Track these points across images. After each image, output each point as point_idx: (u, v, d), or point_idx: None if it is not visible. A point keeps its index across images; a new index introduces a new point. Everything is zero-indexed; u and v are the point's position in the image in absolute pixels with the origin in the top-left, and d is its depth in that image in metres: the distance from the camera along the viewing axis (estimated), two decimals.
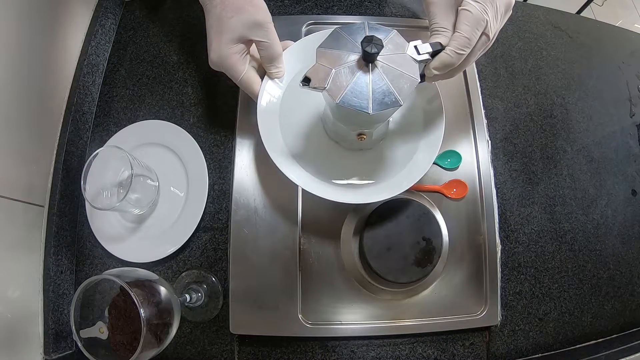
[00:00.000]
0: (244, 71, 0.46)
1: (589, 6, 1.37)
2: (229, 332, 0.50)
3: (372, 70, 0.36)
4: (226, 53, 0.44)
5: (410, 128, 0.50)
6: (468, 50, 0.39)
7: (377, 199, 0.46)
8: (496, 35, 0.42)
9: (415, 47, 0.38)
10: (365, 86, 0.35)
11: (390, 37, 0.38)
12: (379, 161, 0.50)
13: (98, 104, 0.59)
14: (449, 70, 0.41)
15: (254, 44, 0.46)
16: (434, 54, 0.39)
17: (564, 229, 0.57)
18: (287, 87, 0.50)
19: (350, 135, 0.46)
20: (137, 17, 0.63)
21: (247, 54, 0.46)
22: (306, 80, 0.36)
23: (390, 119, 0.50)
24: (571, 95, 0.63)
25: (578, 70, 0.65)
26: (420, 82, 0.38)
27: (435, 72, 0.40)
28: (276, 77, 0.48)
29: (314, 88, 0.36)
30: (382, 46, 0.35)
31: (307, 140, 0.50)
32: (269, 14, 0.45)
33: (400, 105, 0.36)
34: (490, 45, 0.42)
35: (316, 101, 0.51)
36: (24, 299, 0.47)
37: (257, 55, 0.48)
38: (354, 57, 0.36)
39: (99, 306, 0.40)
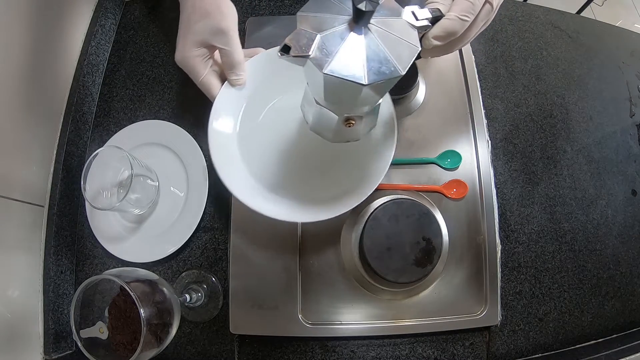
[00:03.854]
0: (204, 75, 0.47)
1: (589, 6, 1.36)
2: (229, 332, 0.50)
3: (365, 34, 0.31)
4: (189, 55, 0.46)
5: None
6: (472, 18, 0.36)
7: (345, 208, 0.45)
8: (497, 8, 0.39)
9: (413, 12, 0.34)
10: (358, 53, 0.30)
11: (382, 1, 0.32)
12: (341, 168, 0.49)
13: (98, 104, 0.59)
14: (449, 42, 0.37)
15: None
16: (433, 21, 0.35)
17: (564, 229, 0.57)
18: (249, 97, 0.50)
19: (334, 124, 0.40)
20: (137, 17, 0.63)
21: (209, 58, 0.47)
22: (285, 49, 0.31)
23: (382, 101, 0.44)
24: (571, 95, 0.63)
25: (578, 70, 0.65)
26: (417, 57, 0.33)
27: (435, 43, 0.36)
28: (237, 85, 0.49)
29: (295, 57, 0.31)
30: (378, 3, 0.29)
31: (277, 159, 0.49)
32: (236, 22, 0.46)
33: (401, 76, 0.31)
34: (492, 19, 0.39)
35: (287, 116, 0.50)
36: (24, 298, 0.47)
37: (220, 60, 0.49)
38: (342, 20, 0.31)
39: (99, 306, 0.40)
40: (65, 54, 0.55)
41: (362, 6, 0.29)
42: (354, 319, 0.51)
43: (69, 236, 0.53)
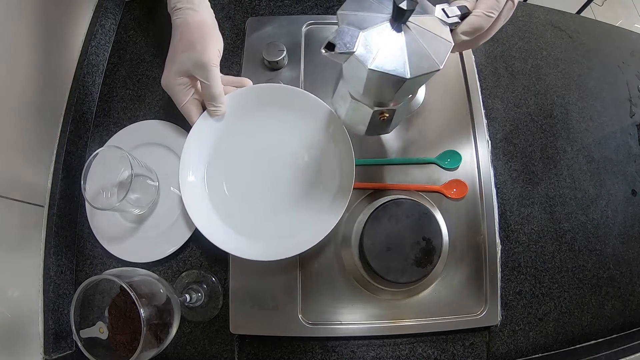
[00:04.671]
0: (185, 102, 0.49)
1: (589, 6, 1.36)
2: (229, 332, 0.50)
3: (404, 31, 0.33)
4: (172, 82, 0.48)
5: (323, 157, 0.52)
6: (496, 14, 0.38)
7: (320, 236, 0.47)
8: (516, 3, 0.41)
9: (443, 9, 0.36)
10: (399, 49, 0.32)
11: None
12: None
13: (98, 104, 0.59)
14: (475, 37, 0.40)
15: None
16: (461, 18, 0.37)
17: (564, 229, 0.57)
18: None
19: (368, 117, 0.43)
20: (137, 17, 0.63)
21: (191, 87, 0.50)
22: (329, 47, 0.32)
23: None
24: (571, 95, 0.63)
25: (578, 70, 0.65)
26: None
27: (464, 38, 0.38)
28: (214, 115, 0.50)
29: (340, 54, 0.32)
30: (417, 2, 0.31)
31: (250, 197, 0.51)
32: (217, 56, 0.48)
33: (439, 70, 0.33)
34: (511, 14, 0.41)
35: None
36: (24, 299, 0.47)
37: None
38: (382, 18, 0.33)
39: (99, 306, 0.40)
40: (65, 54, 0.55)
41: (403, 5, 0.31)
42: (354, 319, 0.51)
43: (69, 236, 0.53)
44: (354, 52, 0.32)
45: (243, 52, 0.59)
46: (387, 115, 0.42)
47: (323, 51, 0.33)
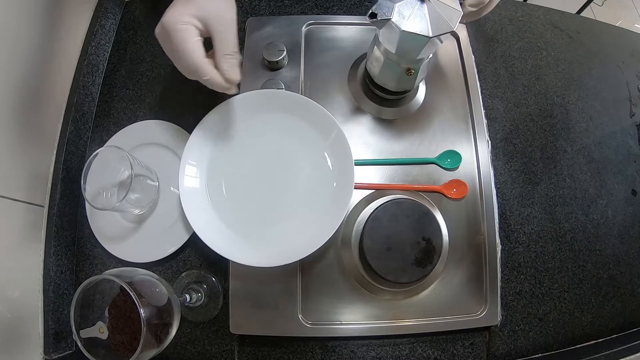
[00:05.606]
0: (191, 41, 0.40)
1: (589, 6, 1.37)
2: (229, 332, 0.50)
3: (427, 3, 0.44)
4: (183, 20, 0.40)
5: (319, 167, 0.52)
6: None
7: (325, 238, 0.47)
8: None
9: None
10: (423, 16, 0.43)
11: None
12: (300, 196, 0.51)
13: (98, 104, 0.59)
14: (479, 9, 0.50)
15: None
16: None
17: (564, 229, 0.57)
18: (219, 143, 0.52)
19: (398, 74, 0.51)
20: (137, 17, 0.63)
21: (199, 32, 0.41)
22: (372, 16, 0.44)
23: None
24: (571, 95, 0.63)
25: (578, 70, 0.65)
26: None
27: (471, 9, 0.49)
28: (228, 72, 0.43)
29: (381, 20, 0.44)
30: None
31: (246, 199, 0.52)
32: (234, 14, 0.43)
33: (452, 30, 0.44)
34: None
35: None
36: (24, 298, 0.47)
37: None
38: None
39: (99, 306, 0.40)
40: (65, 54, 0.55)
41: None
42: (354, 319, 0.51)
43: (69, 236, 0.53)
44: (390, 18, 0.43)
45: (243, 52, 0.59)
46: (413, 71, 0.50)
47: (368, 19, 0.44)
